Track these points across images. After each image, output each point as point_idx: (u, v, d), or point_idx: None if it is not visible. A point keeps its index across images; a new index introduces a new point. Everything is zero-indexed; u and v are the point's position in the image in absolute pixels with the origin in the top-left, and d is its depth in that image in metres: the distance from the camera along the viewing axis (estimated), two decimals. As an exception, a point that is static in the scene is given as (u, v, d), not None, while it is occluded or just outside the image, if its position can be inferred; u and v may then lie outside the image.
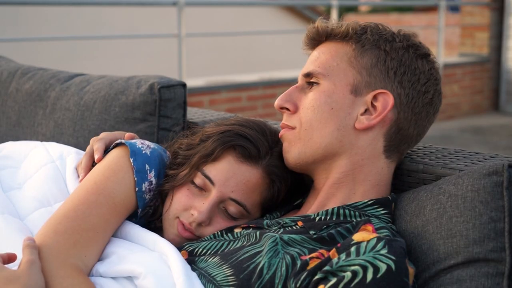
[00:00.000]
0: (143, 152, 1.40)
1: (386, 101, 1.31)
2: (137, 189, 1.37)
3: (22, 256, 1.19)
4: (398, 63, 1.33)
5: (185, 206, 1.39)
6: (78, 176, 1.48)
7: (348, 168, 1.33)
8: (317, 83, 1.35)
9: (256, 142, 1.40)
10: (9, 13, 8.49)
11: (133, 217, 1.40)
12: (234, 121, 1.49)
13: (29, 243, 1.21)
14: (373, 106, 1.31)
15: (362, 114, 1.32)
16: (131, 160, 1.38)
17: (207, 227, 1.38)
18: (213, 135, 1.43)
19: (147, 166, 1.39)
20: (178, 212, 1.39)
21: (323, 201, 1.35)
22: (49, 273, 1.19)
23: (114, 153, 1.42)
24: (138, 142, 1.43)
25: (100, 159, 1.43)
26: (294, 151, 1.36)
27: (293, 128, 1.37)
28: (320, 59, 1.36)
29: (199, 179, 1.39)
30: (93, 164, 1.48)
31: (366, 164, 1.33)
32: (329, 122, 1.32)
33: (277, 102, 1.39)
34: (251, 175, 1.39)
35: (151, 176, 1.39)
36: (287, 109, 1.39)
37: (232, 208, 1.39)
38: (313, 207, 1.36)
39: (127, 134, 1.53)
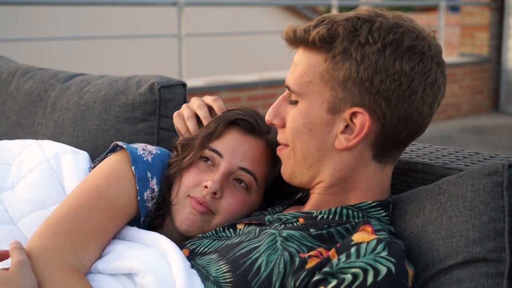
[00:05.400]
0: (144, 159, 1.39)
1: (363, 120, 1.22)
2: (139, 198, 1.36)
3: (11, 258, 1.18)
4: (373, 71, 1.20)
5: (196, 182, 1.39)
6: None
7: (334, 183, 1.30)
8: (297, 101, 1.30)
9: (257, 119, 1.44)
10: (9, 13, 8.48)
11: (135, 224, 1.39)
12: (232, 107, 1.52)
13: (16, 246, 1.20)
14: (353, 122, 1.24)
15: (342, 132, 1.25)
16: (133, 168, 1.37)
17: (221, 200, 1.39)
18: (214, 118, 1.46)
19: (148, 174, 1.38)
20: (189, 189, 1.39)
21: (317, 203, 1.33)
22: (42, 275, 1.18)
23: (116, 158, 1.41)
24: (140, 148, 1.42)
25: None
26: (287, 171, 1.35)
27: (286, 145, 1.34)
28: (296, 72, 1.29)
29: (207, 155, 1.41)
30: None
31: (354, 175, 1.29)
32: (309, 144, 1.28)
33: (266, 118, 1.36)
34: (256, 146, 1.43)
35: (153, 183, 1.39)
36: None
37: (243, 178, 1.41)
38: (307, 206, 1.35)
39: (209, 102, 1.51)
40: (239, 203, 1.40)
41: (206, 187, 1.37)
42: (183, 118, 1.52)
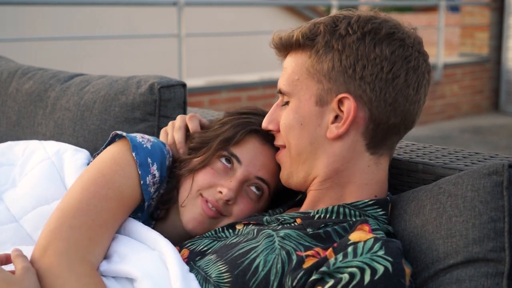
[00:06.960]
0: (144, 146, 1.42)
1: (349, 105, 1.25)
2: (142, 182, 1.37)
3: (15, 265, 1.18)
4: (355, 58, 1.25)
5: (210, 183, 1.41)
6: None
7: (328, 175, 1.31)
8: (289, 102, 1.34)
9: None
10: (9, 13, 8.49)
11: (138, 212, 1.41)
12: (249, 108, 1.52)
13: (18, 253, 1.20)
14: (341, 111, 1.27)
15: (332, 122, 1.28)
16: (133, 154, 1.38)
17: (233, 205, 1.41)
18: (231, 121, 1.47)
19: (149, 160, 1.40)
20: (203, 188, 1.41)
21: (314, 200, 1.34)
22: (66, 269, 1.18)
23: (117, 147, 1.42)
24: (138, 136, 1.44)
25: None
26: (284, 172, 1.38)
27: (285, 147, 1.36)
28: (285, 74, 1.35)
29: (225, 159, 1.43)
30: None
31: (348, 167, 1.30)
32: (302, 138, 1.31)
33: (262, 124, 1.40)
34: (273, 157, 1.43)
35: (154, 169, 1.41)
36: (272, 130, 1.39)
37: (261, 186, 1.43)
38: (304, 206, 1.36)
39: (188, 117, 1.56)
40: (249, 210, 1.43)
41: (220, 192, 1.39)
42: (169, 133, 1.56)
